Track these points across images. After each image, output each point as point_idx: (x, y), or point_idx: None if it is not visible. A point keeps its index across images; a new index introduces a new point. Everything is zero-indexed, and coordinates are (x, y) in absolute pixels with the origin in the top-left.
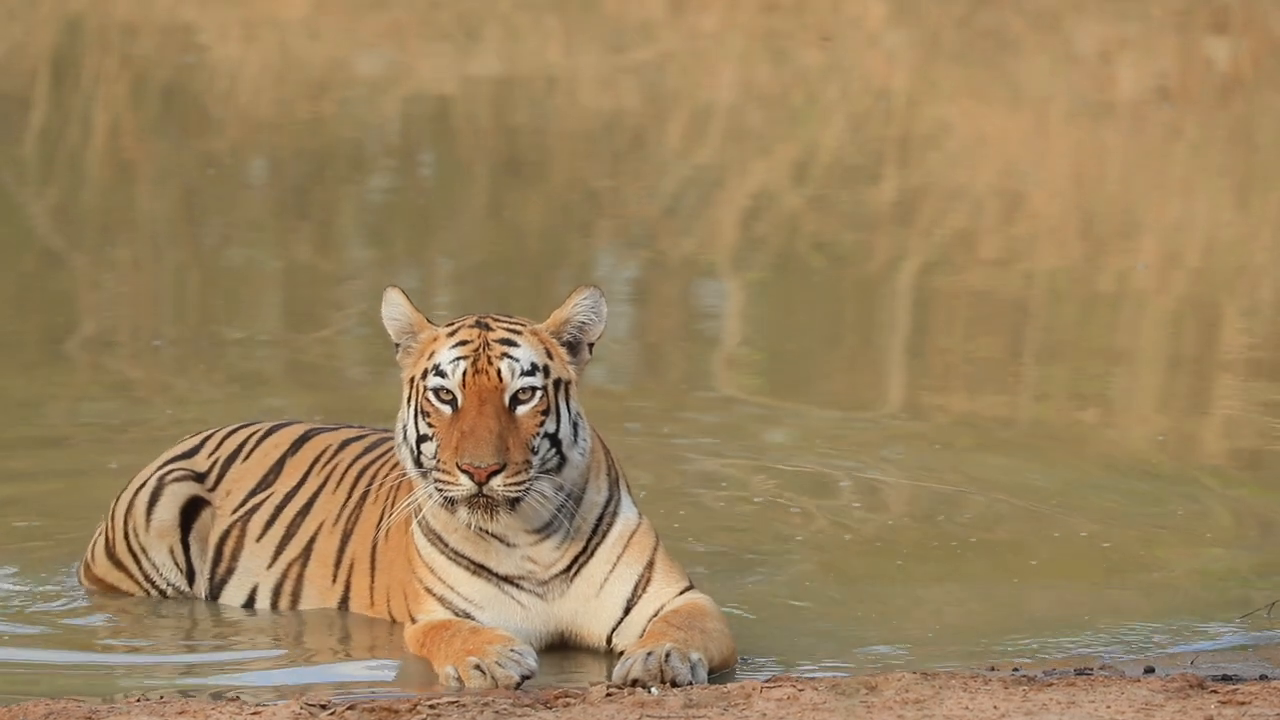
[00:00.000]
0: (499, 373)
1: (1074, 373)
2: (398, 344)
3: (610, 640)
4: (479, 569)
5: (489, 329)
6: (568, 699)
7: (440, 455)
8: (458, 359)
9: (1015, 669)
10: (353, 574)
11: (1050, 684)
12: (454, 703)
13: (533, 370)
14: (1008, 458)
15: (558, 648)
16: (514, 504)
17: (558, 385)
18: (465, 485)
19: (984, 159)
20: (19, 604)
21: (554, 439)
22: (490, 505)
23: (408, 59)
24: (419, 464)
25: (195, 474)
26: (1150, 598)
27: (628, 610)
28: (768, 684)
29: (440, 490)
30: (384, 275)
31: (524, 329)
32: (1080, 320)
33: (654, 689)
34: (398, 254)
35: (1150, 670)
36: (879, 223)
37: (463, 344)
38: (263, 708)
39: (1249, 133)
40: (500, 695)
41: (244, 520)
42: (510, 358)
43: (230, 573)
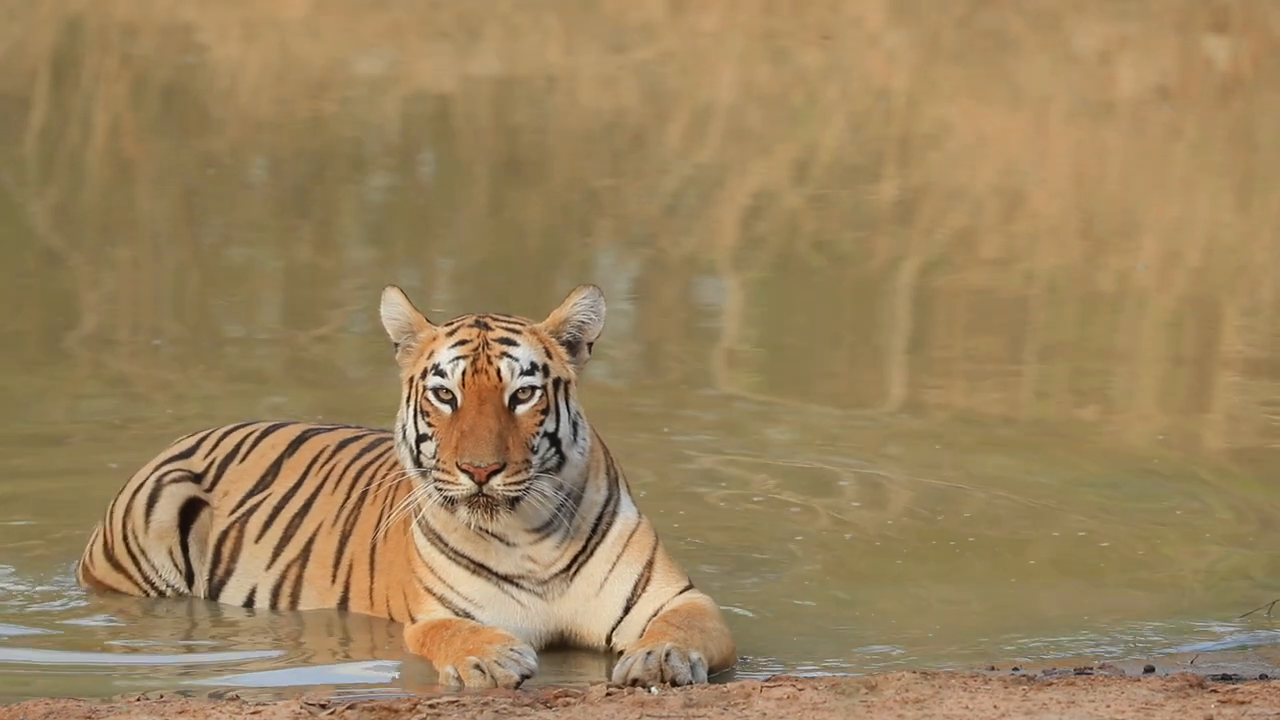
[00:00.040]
0: (498, 372)
1: (1074, 371)
2: (397, 343)
3: (610, 639)
4: (479, 568)
5: (488, 328)
6: (568, 698)
7: (440, 455)
8: (457, 358)
9: (1015, 668)
10: (352, 574)
11: (1050, 683)
12: (454, 702)
13: (532, 370)
14: (1008, 456)
15: (558, 647)
16: (514, 503)
17: (557, 384)
18: (465, 485)
19: (984, 159)
20: (18, 604)
21: (553, 438)
22: (490, 505)
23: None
24: (418, 464)
25: (193, 474)
26: (1150, 597)
27: (627, 609)
28: (768, 683)
29: (440, 490)
30: (384, 275)
31: (523, 328)
32: (1080, 319)
33: (654, 688)
34: (398, 254)
35: (1150, 670)
36: (879, 222)
37: (462, 343)
38: (262, 707)
39: (1249, 133)
40: (500, 695)
41: (242, 521)
42: (510, 357)
43: (229, 574)
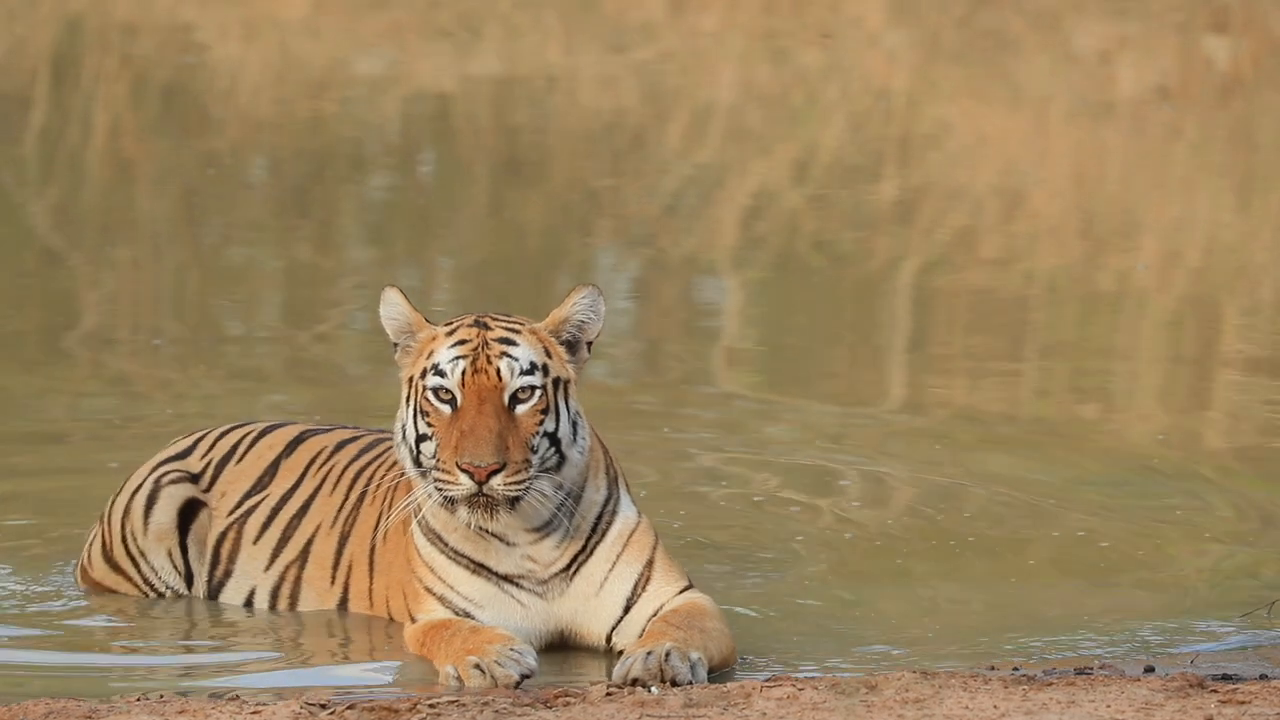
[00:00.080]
0: (498, 372)
1: (1074, 370)
2: (396, 344)
3: (610, 639)
4: (479, 568)
5: (488, 328)
6: (568, 698)
7: (440, 455)
8: (457, 358)
9: (1015, 668)
10: (351, 575)
11: (1050, 683)
12: (454, 702)
13: (532, 369)
14: (1008, 455)
15: (557, 647)
16: (514, 503)
17: (557, 384)
18: (465, 485)
19: (984, 159)
20: (16, 604)
21: (553, 438)
22: (490, 504)
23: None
24: (418, 463)
25: (191, 475)
26: (1150, 597)
27: (627, 609)
28: (768, 683)
29: (440, 490)
30: (384, 274)
31: (523, 328)
32: (1080, 319)
33: (654, 688)
34: (398, 254)
35: (1150, 669)
36: (879, 222)
37: (462, 343)
38: (262, 707)
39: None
40: (500, 694)
41: (240, 522)
42: (509, 357)
43: (228, 575)
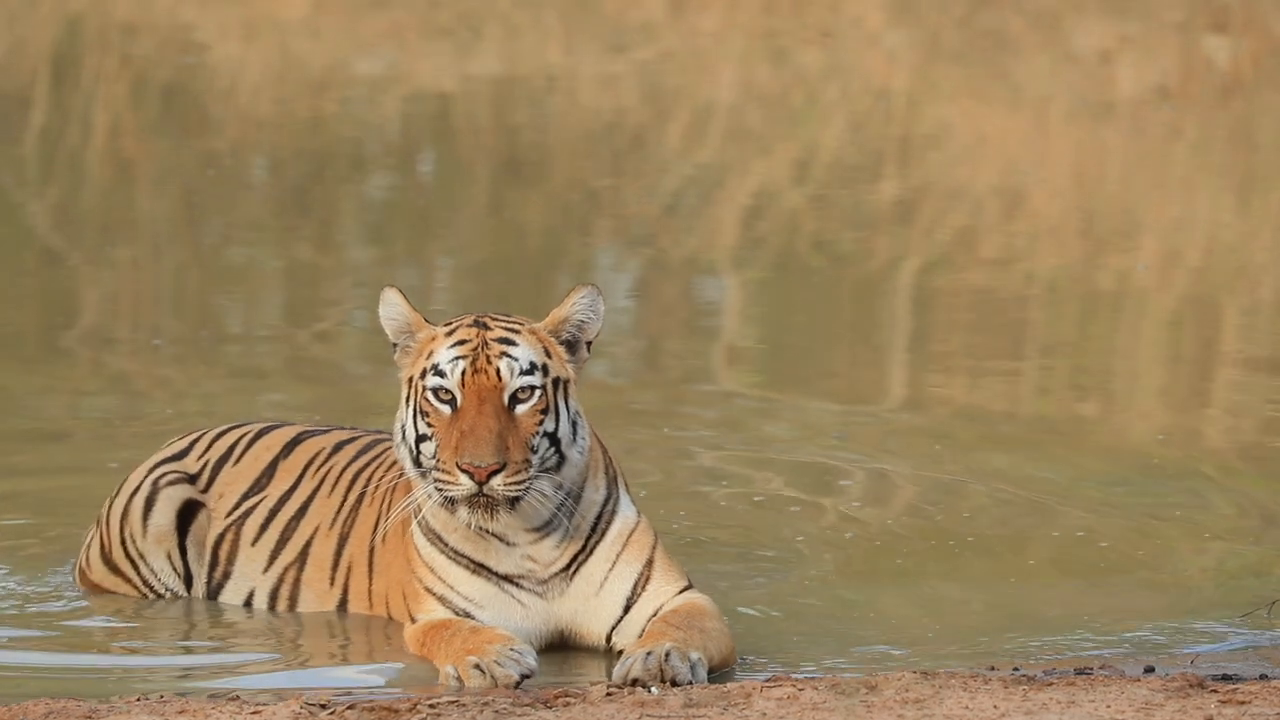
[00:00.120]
0: (498, 372)
1: (1075, 369)
2: (395, 344)
3: (610, 639)
4: (479, 568)
5: (487, 328)
6: (568, 698)
7: (440, 455)
8: (456, 358)
9: (1015, 668)
10: (350, 577)
11: (1050, 683)
12: (454, 702)
13: (531, 369)
14: (1009, 453)
15: (558, 647)
16: (514, 503)
17: (556, 384)
18: (465, 485)
19: (984, 159)
20: (15, 604)
21: (553, 438)
22: (490, 505)
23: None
24: (418, 464)
25: (188, 476)
26: (1151, 597)
27: (627, 608)
28: (768, 683)
29: (440, 490)
30: (384, 274)
31: (522, 328)
32: (1081, 318)
33: (654, 688)
34: (398, 254)
35: (1150, 670)
36: (879, 222)
37: (461, 343)
38: (262, 707)
39: (1249, 133)
40: (500, 694)
41: (238, 524)
42: (509, 357)
43: (227, 576)
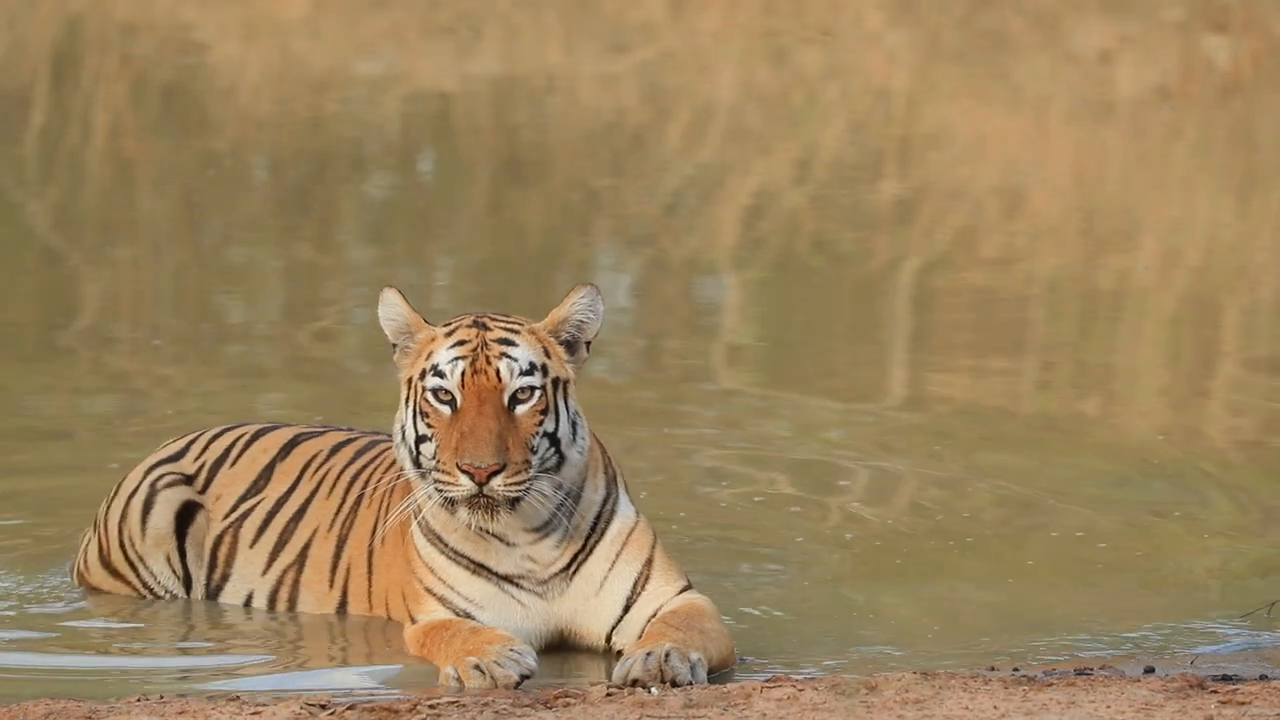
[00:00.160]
0: (498, 372)
1: (1075, 368)
2: (395, 344)
3: (610, 639)
4: (479, 568)
5: (487, 329)
6: (568, 699)
7: (440, 456)
8: (456, 359)
9: (1015, 669)
10: (350, 578)
11: (1050, 684)
12: (454, 703)
13: (531, 370)
14: (1009, 452)
15: (557, 648)
16: (514, 504)
17: (556, 384)
18: (465, 486)
19: (984, 159)
20: (14, 605)
21: (553, 438)
22: (490, 505)
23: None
24: (418, 464)
25: (186, 477)
26: (1151, 597)
27: (627, 608)
28: (768, 684)
29: (440, 491)
30: (384, 274)
31: (522, 328)
32: (1081, 318)
33: (654, 689)
34: (398, 253)
35: (1150, 670)
36: (879, 222)
37: (461, 344)
38: (263, 707)
39: (1249, 133)
40: (500, 695)
41: (236, 526)
42: (509, 357)
43: (225, 579)
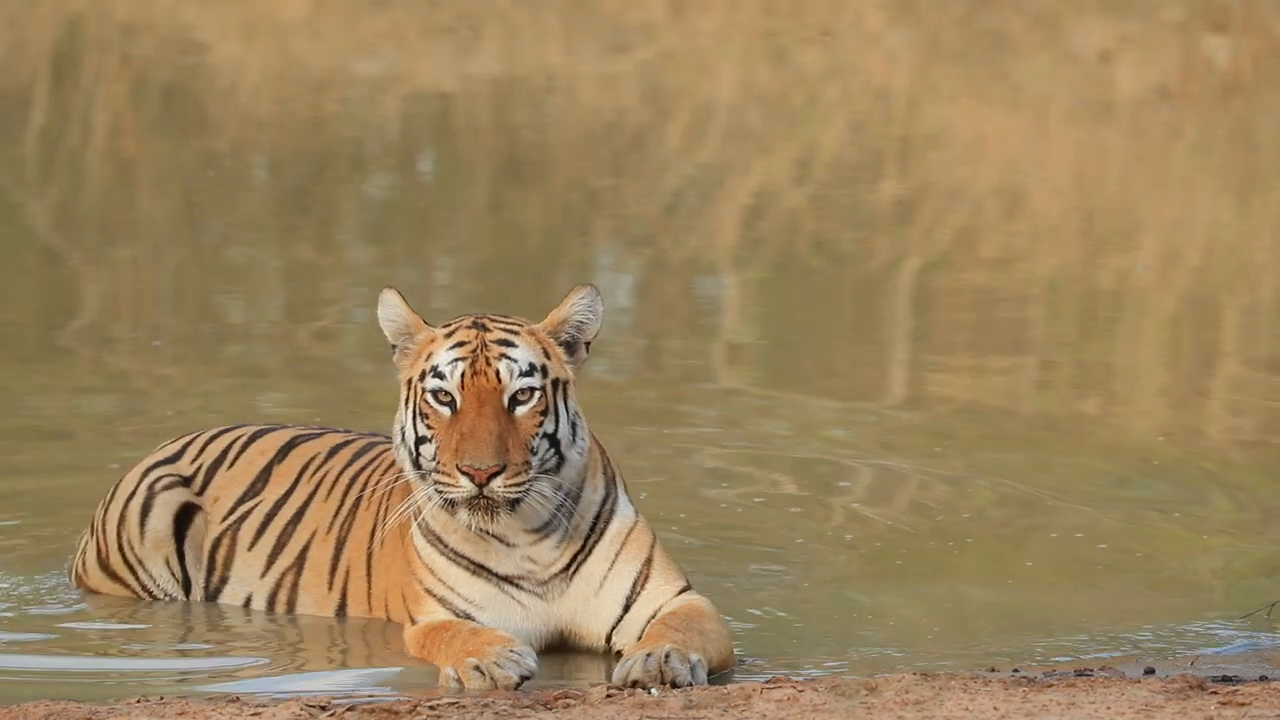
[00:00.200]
0: (497, 374)
1: (1075, 368)
2: (394, 345)
3: (610, 639)
4: (479, 569)
5: (486, 330)
6: (568, 700)
7: (440, 457)
8: (456, 360)
9: (1015, 670)
10: (349, 581)
11: (1050, 685)
12: (454, 704)
13: (531, 371)
14: (1010, 452)
15: (557, 649)
16: (514, 505)
17: (556, 385)
18: (465, 487)
19: (984, 159)
20: (12, 606)
21: (553, 439)
22: (491, 506)
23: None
24: (418, 466)
25: (183, 479)
26: (1151, 597)
27: (627, 607)
28: (768, 685)
29: (440, 492)
30: (384, 274)
31: (521, 329)
32: (1081, 318)
33: (654, 690)
34: (398, 253)
35: (1150, 671)
36: (879, 222)
37: (460, 345)
38: (263, 708)
39: (1249, 133)
40: (500, 696)
41: (234, 529)
42: (508, 358)
43: (224, 581)
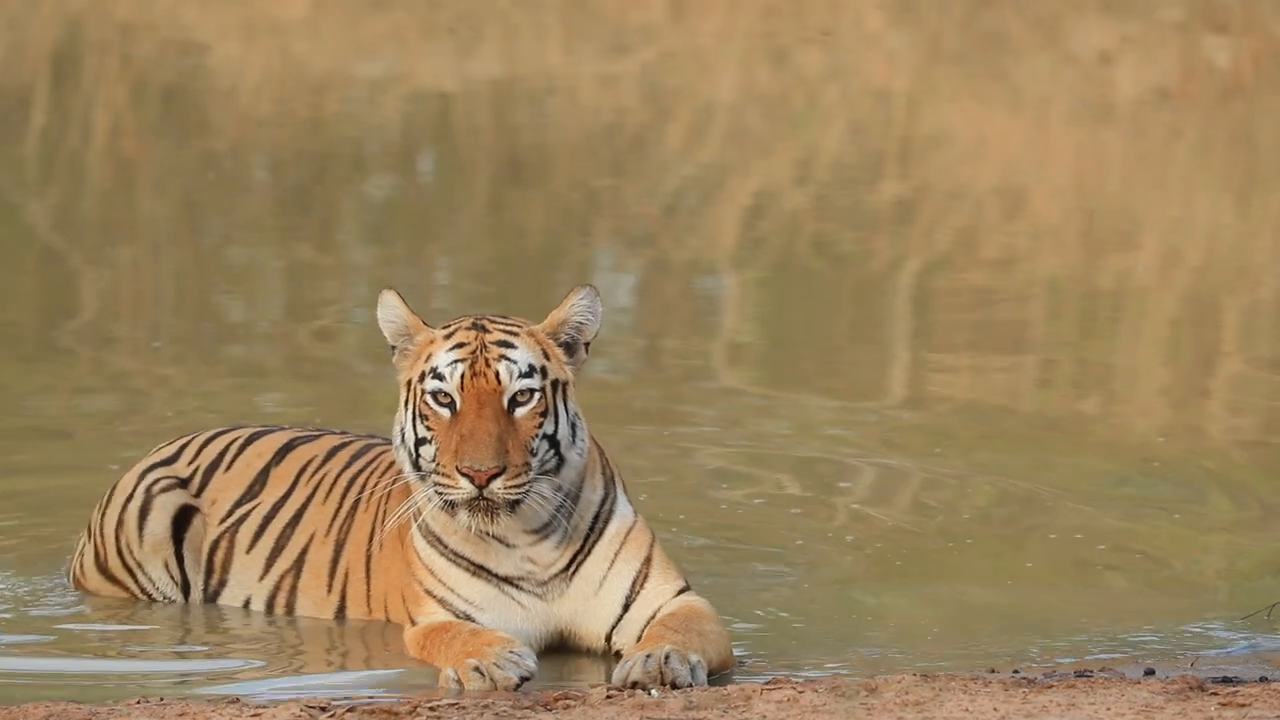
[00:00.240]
0: (497, 375)
1: (1075, 368)
2: (394, 346)
3: (609, 639)
4: (479, 570)
5: (486, 331)
6: (568, 701)
7: (440, 459)
8: (455, 361)
9: (1015, 671)
10: (348, 583)
11: (1050, 686)
12: (454, 705)
13: (530, 372)
14: (1010, 451)
15: (557, 650)
16: (514, 506)
17: (555, 386)
18: (465, 488)
19: (984, 160)
20: (10, 608)
21: (552, 440)
22: (490, 508)
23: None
24: (418, 467)
25: (181, 480)
26: (1151, 598)
27: (626, 607)
28: (768, 686)
29: (440, 493)
30: (384, 274)
31: (521, 330)
32: (1081, 318)
33: (654, 691)
34: (398, 253)
35: (1150, 672)
36: (880, 223)
37: (460, 346)
38: (263, 709)
39: (1249, 134)
40: (500, 697)
41: (232, 531)
42: (508, 360)
43: (223, 584)
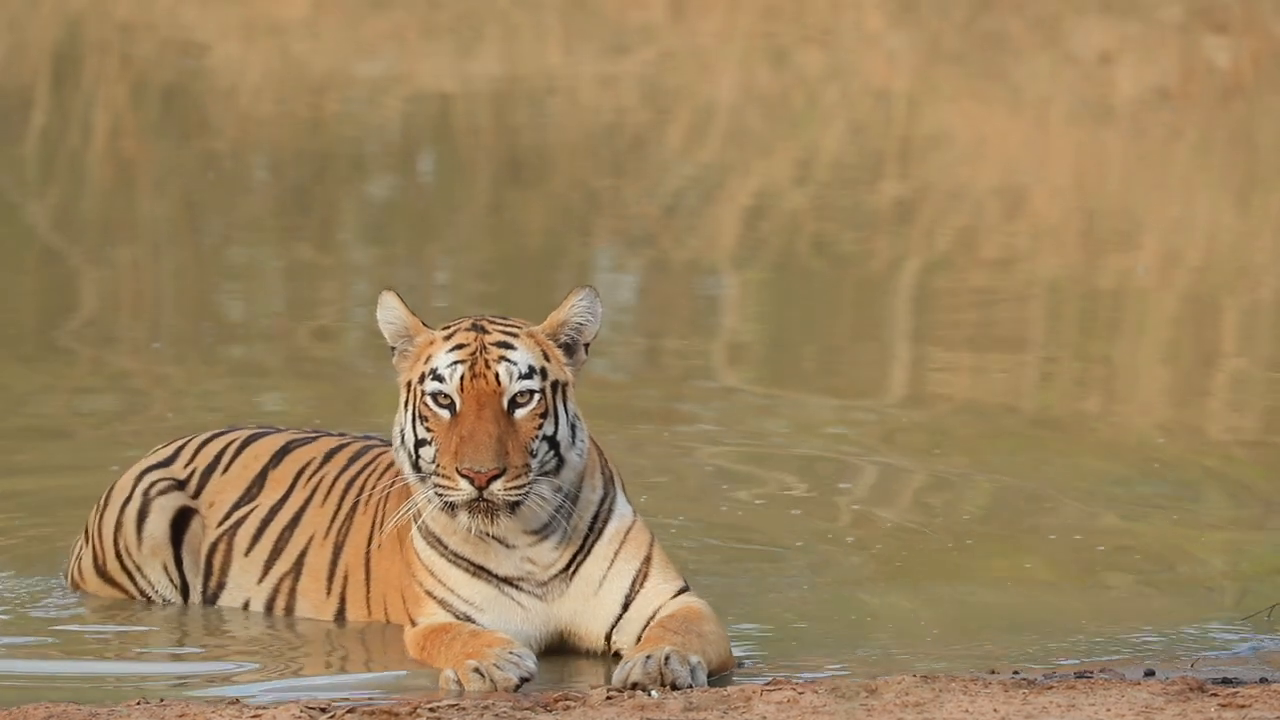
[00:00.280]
0: (497, 376)
1: (1076, 368)
2: (394, 347)
3: (609, 638)
4: (479, 571)
5: (485, 332)
6: (567, 702)
7: (439, 460)
8: (455, 363)
9: (1015, 672)
10: (348, 585)
11: (1050, 687)
12: (454, 706)
13: (530, 373)
14: (1010, 451)
15: (557, 650)
16: (514, 507)
17: (555, 387)
18: (465, 490)
19: (985, 160)
20: (11, 609)
21: (552, 441)
22: (490, 509)
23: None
24: (417, 468)
25: (178, 482)
26: (1151, 599)
27: (626, 606)
28: (768, 687)
29: (440, 495)
30: (384, 274)
31: (520, 331)
32: (1082, 318)
33: (654, 692)
34: (398, 253)
35: (1150, 673)
36: (880, 223)
37: (459, 347)
38: (262, 710)
39: (1249, 134)
40: (500, 698)
41: (230, 534)
42: (508, 361)
43: (221, 586)
